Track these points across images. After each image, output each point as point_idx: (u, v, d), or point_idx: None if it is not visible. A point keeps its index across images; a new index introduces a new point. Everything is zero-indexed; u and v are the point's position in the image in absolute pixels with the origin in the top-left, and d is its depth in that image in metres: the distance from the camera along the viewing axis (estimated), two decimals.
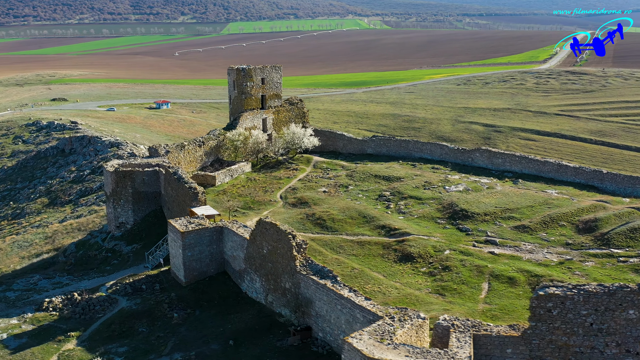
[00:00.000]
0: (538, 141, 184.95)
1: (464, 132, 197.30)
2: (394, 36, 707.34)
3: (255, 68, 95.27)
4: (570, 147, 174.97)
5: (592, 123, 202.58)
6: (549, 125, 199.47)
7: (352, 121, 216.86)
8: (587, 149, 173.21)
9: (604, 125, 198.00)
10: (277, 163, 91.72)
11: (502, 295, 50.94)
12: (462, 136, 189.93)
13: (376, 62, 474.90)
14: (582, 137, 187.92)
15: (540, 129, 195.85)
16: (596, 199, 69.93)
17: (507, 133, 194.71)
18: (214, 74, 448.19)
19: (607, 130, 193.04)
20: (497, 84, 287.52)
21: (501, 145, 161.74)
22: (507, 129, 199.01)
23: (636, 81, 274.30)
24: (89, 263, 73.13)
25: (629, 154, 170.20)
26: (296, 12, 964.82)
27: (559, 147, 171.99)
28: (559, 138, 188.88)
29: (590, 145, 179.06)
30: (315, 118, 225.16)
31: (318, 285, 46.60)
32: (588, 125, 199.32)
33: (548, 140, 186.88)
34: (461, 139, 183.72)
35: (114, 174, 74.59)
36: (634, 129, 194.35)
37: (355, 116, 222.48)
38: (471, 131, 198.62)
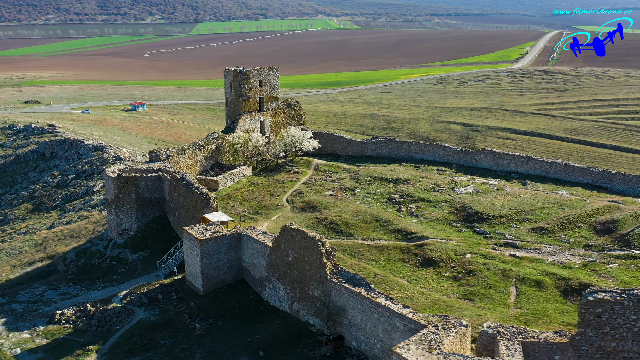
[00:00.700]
0: (516, 140, 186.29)
1: (442, 132, 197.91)
2: (364, 36, 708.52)
3: (253, 70, 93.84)
4: (547, 145, 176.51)
5: (568, 121, 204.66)
6: (525, 124, 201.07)
7: (330, 122, 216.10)
8: (563, 147, 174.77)
9: (579, 124, 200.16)
10: (277, 166, 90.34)
11: (532, 300, 50.40)
12: (440, 136, 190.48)
13: (349, 62, 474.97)
14: (558, 135, 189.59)
15: (517, 127, 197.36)
16: (607, 199, 69.98)
17: (485, 132, 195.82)
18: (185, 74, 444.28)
19: (582, 128, 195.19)
20: (473, 83, 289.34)
21: (479, 145, 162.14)
22: (484, 128, 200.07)
23: (608, 80, 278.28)
24: (93, 272, 71.05)
25: (604, 151, 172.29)
26: (265, 12, 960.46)
27: (536, 146, 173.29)
28: (535, 137, 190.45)
29: (567, 144, 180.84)
30: None
31: (352, 293, 45.51)
32: (564, 124, 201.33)
33: (525, 139, 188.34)
34: (440, 138, 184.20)
35: (116, 179, 72.55)
36: (608, 127, 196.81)
37: (334, 117, 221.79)
38: (449, 131, 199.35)
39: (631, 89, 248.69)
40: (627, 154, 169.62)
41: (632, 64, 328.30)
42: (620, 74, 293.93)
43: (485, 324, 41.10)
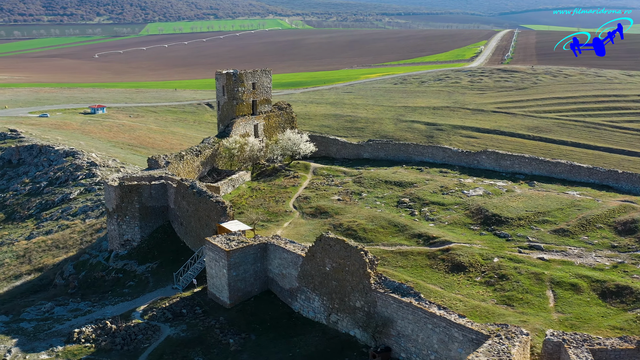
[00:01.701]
0: (479, 138, 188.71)
1: (407, 131, 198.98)
2: (318, 36, 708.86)
3: (246, 72, 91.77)
4: (510, 143, 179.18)
5: (528, 119, 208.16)
6: (487, 122, 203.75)
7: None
8: (526, 145, 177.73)
9: (539, 122, 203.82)
10: (274, 171, 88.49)
11: (572, 303, 50.02)
12: (405, 135, 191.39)
13: (305, 62, 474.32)
14: (520, 133, 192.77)
15: (479, 126, 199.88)
16: (619, 199, 70.44)
17: (448, 131, 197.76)
18: (139, 76, 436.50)
19: (542, 126, 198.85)
20: (433, 82, 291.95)
21: (444, 143, 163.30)
22: (448, 127, 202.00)
23: (564, 78, 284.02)
24: (97, 285, 68.11)
25: (565, 148, 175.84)
26: (216, 12, 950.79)
27: (499, 144, 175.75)
28: (498, 135, 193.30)
29: (529, 141, 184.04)
30: None
31: (401, 303, 44.28)
32: (525, 122, 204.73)
33: (488, 137, 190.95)
34: (405, 138, 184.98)
35: (118, 188, 69.71)
36: (567, 124, 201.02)
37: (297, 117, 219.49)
38: (414, 130, 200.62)
39: (587, 87, 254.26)
40: (588, 150, 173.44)
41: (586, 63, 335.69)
42: (575, 72, 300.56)
43: (548, 332, 40.37)
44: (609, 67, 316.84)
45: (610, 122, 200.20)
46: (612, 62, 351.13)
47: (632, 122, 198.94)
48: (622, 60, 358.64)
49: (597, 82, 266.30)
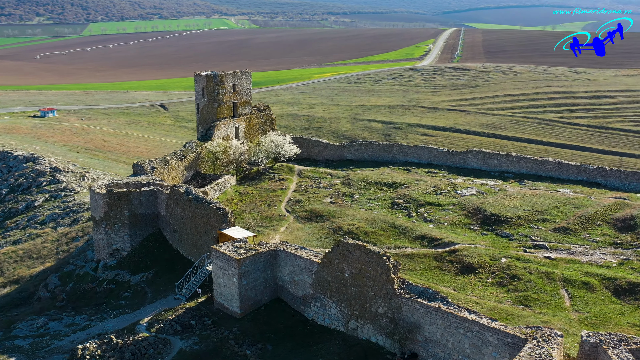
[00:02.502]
0: (435, 136, 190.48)
1: (364, 130, 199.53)
2: (265, 35, 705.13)
3: (227, 74, 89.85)
4: (466, 140, 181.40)
5: (482, 117, 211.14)
6: (443, 120, 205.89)
7: None
8: (481, 142, 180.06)
9: (493, 119, 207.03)
10: (258, 174, 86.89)
11: (587, 302, 50.29)
12: (363, 134, 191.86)
13: (255, 62, 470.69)
14: (475, 130, 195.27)
15: (435, 124, 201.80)
16: (611, 196, 71.48)
17: (405, 129, 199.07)
18: (85, 77, 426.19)
19: (496, 123, 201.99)
20: (387, 81, 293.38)
21: (401, 142, 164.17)
22: (404, 126, 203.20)
23: (514, 75, 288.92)
24: (88, 298, 65.40)
25: (519, 145, 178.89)
26: (160, 11, 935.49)
27: (455, 141, 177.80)
28: (454, 132, 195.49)
29: (484, 138, 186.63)
30: None
31: (429, 308, 43.60)
32: (479, 119, 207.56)
33: (444, 134, 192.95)
34: (362, 136, 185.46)
35: (106, 196, 67.11)
36: (520, 121, 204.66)
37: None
38: (371, 129, 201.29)
39: (536, 84, 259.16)
40: (540, 146, 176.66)
41: (535, 60, 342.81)
42: (525, 69, 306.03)
43: (583, 333, 40.22)
44: (556, 65, 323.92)
45: (560, 118, 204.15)
46: (559, 59, 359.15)
47: (582, 117, 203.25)
48: (567, 57, 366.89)
49: (546, 80, 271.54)
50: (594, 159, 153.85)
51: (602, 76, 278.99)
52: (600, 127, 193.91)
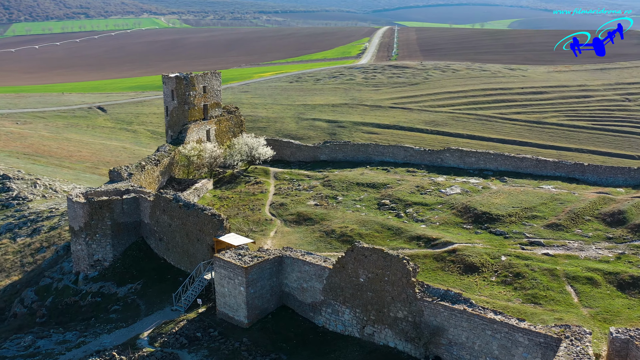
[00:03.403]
0: (380, 134, 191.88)
1: (309, 129, 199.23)
2: (198, 35, 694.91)
3: (197, 76, 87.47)
4: (411, 137, 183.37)
5: (425, 114, 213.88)
6: (386, 118, 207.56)
7: None
8: (425, 139, 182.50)
9: (435, 116, 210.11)
10: (233, 177, 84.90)
11: (595, 297, 50.94)
12: (308, 133, 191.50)
13: (191, 62, 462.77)
14: (418, 127, 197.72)
15: (379, 122, 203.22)
16: (592, 191, 72.94)
17: (350, 128, 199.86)
18: (13, 80, 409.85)
19: (438, 120, 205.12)
20: (328, 80, 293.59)
21: (347, 139, 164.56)
22: (349, 124, 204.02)
23: (453, 73, 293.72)
24: (72, 312, 62.27)
25: (462, 141, 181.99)
26: (87, 11, 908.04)
27: (400, 139, 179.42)
28: (398, 130, 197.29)
29: (428, 135, 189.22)
30: (155, 123, 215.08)
31: (453, 311, 43.20)
32: (421, 116, 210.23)
33: (389, 132, 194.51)
34: (308, 136, 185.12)
35: (87, 205, 64.07)
36: (461, 117, 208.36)
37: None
38: (316, 128, 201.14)
39: (474, 81, 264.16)
40: (482, 142, 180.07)
41: (471, 58, 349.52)
42: (462, 66, 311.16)
43: (612, 329, 40.55)
44: (492, 62, 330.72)
45: (499, 114, 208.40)
46: (492, 57, 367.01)
47: (520, 113, 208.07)
48: (501, 55, 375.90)
49: (483, 76, 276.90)
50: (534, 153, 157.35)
51: (535, 72, 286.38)
52: (538, 122, 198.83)
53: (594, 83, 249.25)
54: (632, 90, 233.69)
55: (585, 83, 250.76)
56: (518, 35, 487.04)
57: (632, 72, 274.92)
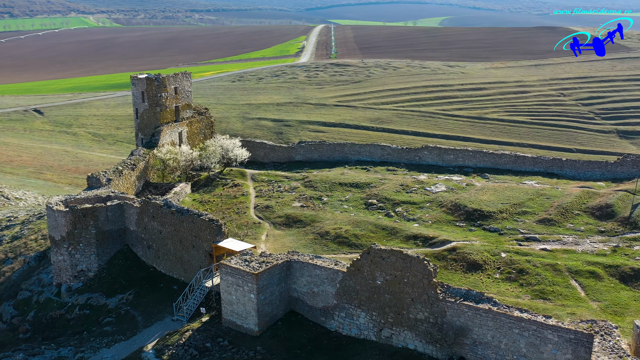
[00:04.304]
0: (327, 132, 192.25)
1: (255, 129, 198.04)
2: (130, 34, 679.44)
3: (168, 76, 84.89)
4: (357, 135, 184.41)
5: (369, 111, 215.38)
6: (332, 116, 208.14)
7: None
8: (371, 137, 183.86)
9: (379, 113, 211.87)
10: (209, 180, 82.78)
11: (600, 291, 51.77)
12: (254, 132, 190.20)
13: (126, 62, 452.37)
14: (364, 125, 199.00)
15: (325, 120, 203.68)
16: (574, 185, 74.29)
17: (296, 126, 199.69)
18: None
19: (383, 117, 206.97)
20: (271, 78, 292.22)
21: (294, 139, 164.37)
22: (295, 123, 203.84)
23: (394, 70, 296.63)
24: (59, 326, 59.27)
25: (408, 138, 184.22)
26: (11, 10, 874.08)
27: (346, 137, 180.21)
28: (344, 128, 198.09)
29: (374, 133, 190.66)
30: (96, 125, 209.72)
31: (478, 310, 43.00)
32: (366, 114, 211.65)
33: (335, 130, 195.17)
34: (255, 135, 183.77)
35: (69, 213, 61.09)
36: (405, 114, 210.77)
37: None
38: (262, 127, 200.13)
39: (415, 78, 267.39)
40: (427, 138, 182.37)
41: (409, 55, 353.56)
42: (403, 64, 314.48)
43: (637, 322, 41.09)
44: (429, 59, 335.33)
45: (442, 110, 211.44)
46: (430, 54, 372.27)
47: (461, 109, 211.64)
48: (438, 52, 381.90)
49: (424, 73, 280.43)
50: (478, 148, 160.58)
51: (474, 69, 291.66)
52: (479, 117, 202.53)
53: (530, 79, 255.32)
54: (566, 85, 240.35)
55: (522, 79, 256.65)
56: (453, 33, 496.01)
57: (564, 68, 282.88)
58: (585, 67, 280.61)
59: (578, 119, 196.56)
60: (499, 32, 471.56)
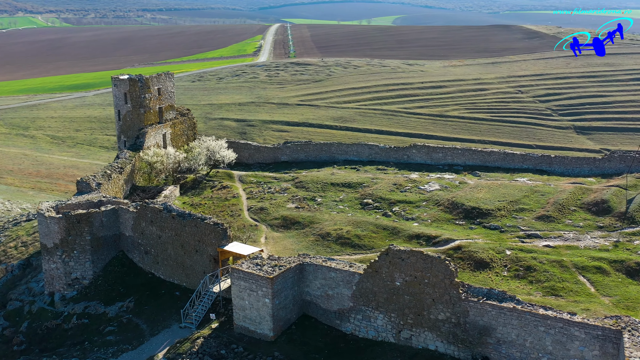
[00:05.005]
0: (291, 132, 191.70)
1: (218, 129, 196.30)
2: (82, 34, 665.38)
3: (152, 77, 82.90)
4: (321, 134, 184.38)
5: (332, 110, 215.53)
6: (295, 116, 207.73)
7: (96, 127, 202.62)
8: (335, 135, 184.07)
9: (342, 112, 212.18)
10: (196, 182, 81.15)
11: (610, 286, 52.19)
12: (218, 133, 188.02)
13: (79, 62, 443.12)
14: (327, 124, 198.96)
15: (288, 119, 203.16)
16: (565, 181, 74.97)
17: (260, 126, 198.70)
18: None
19: (346, 116, 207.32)
20: (232, 78, 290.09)
21: (258, 139, 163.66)
22: (258, 123, 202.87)
23: (354, 69, 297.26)
24: (56, 337, 57.15)
25: (371, 136, 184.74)
26: None
27: (310, 136, 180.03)
28: (308, 127, 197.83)
29: (337, 132, 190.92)
30: (54, 127, 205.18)
31: (502, 309, 42.94)
32: (329, 113, 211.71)
33: (299, 129, 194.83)
34: (218, 135, 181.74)
35: (63, 220, 58.99)
36: (367, 113, 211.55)
37: (98, 122, 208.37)
38: (225, 127, 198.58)
39: (376, 77, 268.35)
40: (391, 136, 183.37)
41: (368, 54, 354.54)
42: (363, 62, 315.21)
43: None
44: (388, 57, 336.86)
45: (404, 108, 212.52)
46: (388, 52, 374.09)
47: (422, 107, 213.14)
48: (396, 50, 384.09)
49: (384, 72, 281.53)
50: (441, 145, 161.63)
51: (432, 67, 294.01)
52: (440, 115, 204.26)
53: (488, 77, 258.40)
54: (523, 82, 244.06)
55: (480, 77, 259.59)
56: (409, 32, 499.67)
57: (521, 66, 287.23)
58: (541, 64, 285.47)
59: (536, 115, 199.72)
60: (455, 30, 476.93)
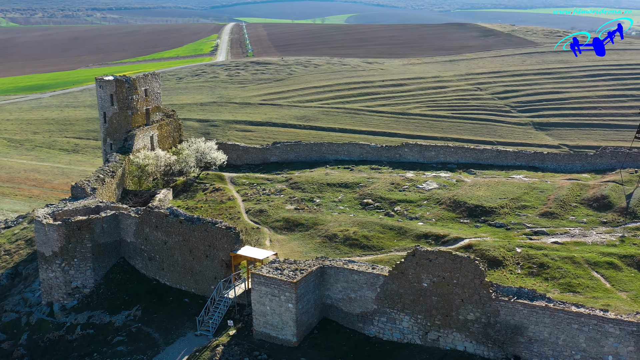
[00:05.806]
0: (255, 131, 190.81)
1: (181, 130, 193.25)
2: (30, 34, 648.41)
3: (139, 78, 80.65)
4: (285, 134, 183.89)
5: (295, 109, 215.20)
6: (258, 115, 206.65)
7: (55, 129, 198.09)
8: (300, 134, 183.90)
9: (305, 111, 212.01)
10: (187, 185, 79.28)
11: (624, 281, 52.83)
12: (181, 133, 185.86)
13: (30, 63, 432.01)
14: (291, 123, 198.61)
15: (252, 119, 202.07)
16: (560, 178, 75.78)
17: (223, 126, 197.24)
18: None
19: (309, 115, 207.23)
20: (191, 78, 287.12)
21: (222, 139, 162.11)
22: (222, 123, 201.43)
23: (315, 67, 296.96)
24: (60, 349, 54.93)
25: (335, 135, 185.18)
26: None
27: (274, 135, 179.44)
28: (272, 126, 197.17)
29: (302, 131, 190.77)
30: (10, 130, 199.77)
31: (534, 308, 42.83)
32: (292, 112, 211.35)
33: (263, 129, 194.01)
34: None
35: (62, 227, 56.73)
36: (330, 111, 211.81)
37: (57, 124, 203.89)
38: (188, 128, 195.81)
39: (337, 75, 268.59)
40: (355, 135, 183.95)
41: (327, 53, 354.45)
42: (323, 61, 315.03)
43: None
44: (347, 56, 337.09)
45: (366, 107, 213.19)
46: (346, 51, 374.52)
47: (385, 105, 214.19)
48: (355, 49, 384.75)
49: (345, 70, 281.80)
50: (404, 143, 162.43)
51: (392, 65, 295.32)
52: (402, 113, 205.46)
53: (447, 74, 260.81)
54: (482, 80, 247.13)
55: (439, 74, 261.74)
56: (366, 30, 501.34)
57: (478, 63, 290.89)
58: (497, 62, 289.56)
59: (495, 112, 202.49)
60: (411, 28, 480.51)
